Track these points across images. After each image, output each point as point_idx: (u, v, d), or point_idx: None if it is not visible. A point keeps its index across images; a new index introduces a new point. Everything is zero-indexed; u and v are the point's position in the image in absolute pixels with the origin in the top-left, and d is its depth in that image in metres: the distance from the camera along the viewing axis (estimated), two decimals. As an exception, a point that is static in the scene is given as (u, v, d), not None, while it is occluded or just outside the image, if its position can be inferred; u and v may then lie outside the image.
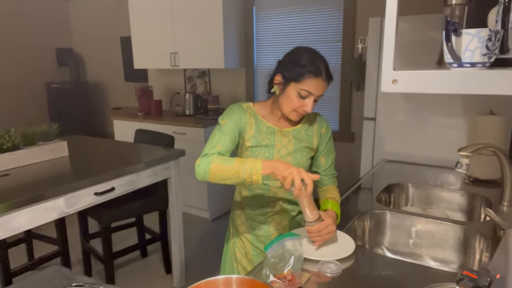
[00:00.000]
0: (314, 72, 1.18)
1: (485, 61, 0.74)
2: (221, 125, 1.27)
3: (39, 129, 2.23)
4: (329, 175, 1.43)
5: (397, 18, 0.71)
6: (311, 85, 1.19)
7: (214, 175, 1.16)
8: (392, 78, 0.76)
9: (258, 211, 1.40)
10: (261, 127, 1.31)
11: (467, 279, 0.60)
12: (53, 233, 2.65)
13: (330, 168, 1.43)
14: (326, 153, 1.40)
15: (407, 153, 2.21)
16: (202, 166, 1.18)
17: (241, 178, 1.11)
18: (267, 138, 1.30)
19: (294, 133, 1.33)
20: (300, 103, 1.22)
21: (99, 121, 6.33)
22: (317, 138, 1.38)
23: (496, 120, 1.74)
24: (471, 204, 1.64)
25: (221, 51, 3.50)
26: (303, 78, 1.19)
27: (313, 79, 1.19)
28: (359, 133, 3.24)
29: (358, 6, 3.12)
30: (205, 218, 3.67)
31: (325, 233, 1.13)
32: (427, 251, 1.40)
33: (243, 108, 1.32)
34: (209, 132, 3.45)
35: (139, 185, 2.19)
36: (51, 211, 1.76)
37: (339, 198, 1.35)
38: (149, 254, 3.04)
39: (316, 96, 1.22)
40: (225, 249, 1.59)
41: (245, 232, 1.45)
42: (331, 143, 1.42)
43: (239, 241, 1.48)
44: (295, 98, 1.22)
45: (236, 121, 1.28)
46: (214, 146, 1.23)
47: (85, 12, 6.02)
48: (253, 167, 1.10)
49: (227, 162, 1.15)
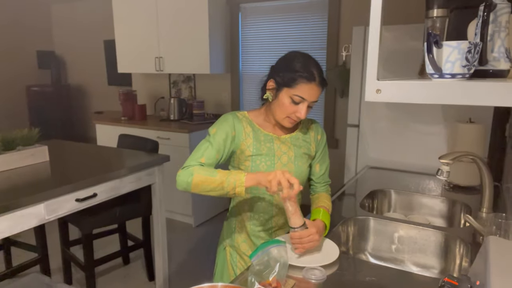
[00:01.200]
0: (307, 77, 1.16)
1: (465, 72, 0.77)
2: (210, 136, 1.23)
3: (19, 134, 2.18)
4: (322, 183, 1.41)
5: (381, 29, 0.73)
6: (304, 91, 1.16)
7: (196, 186, 1.13)
8: (375, 88, 0.77)
9: (262, 226, 1.35)
10: (259, 136, 1.27)
11: (448, 286, 0.61)
12: (32, 240, 2.58)
13: (324, 176, 1.41)
14: (321, 160, 1.39)
15: (390, 159, 2.25)
16: (183, 177, 1.15)
17: (225, 190, 1.10)
18: (266, 146, 1.27)
19: (292, 140, 1.31)
20: (293, 109, 1.19)
21: (80, 125, 6.23)
22: (314, 144, 1.36)
23: (475, 128, 1.79)
24: (451, 210, 1.68)
25: (207, 56, 3.50)
26: (296, 84, 1.16)
27: (306, 84, 1.16)
28: (343, 139, 3.28)
29: (342, 15, 3.17)
30: (189, 224, 3.64)
31: (307, 241, 1.12)
32: (409, 256, 1.43)
33: (238, 117, 1.28)
34: (194, 137, 3.44)
35: (122, 191, 2.16)
36: (31, 218, 1.71)
37: (330, 208, 1.33)
38: (131, 261, 3.00)
39: (310, 102, 1.19)
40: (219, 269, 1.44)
41: (247, 250, 1.37)
42: (326, 150, 1.41)
43: (241, 261, 1.39)
44: (288, 104, 1.19)
45: (228, 131, 1.23)
46: (198, 158, 1.19)
47: (67, 14, 5.93)
48: (237, 179, 1.09)
49: (210, 174, 1.12)
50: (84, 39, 5.77)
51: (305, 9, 3.34)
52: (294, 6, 3.38)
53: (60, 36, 6.22)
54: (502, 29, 0.81)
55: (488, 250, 0.59)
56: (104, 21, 5.15)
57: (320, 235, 1.18)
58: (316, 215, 1.25)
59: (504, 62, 0.81)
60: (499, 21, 0.81)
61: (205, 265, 2.88)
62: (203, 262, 2.97)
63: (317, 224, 1.19)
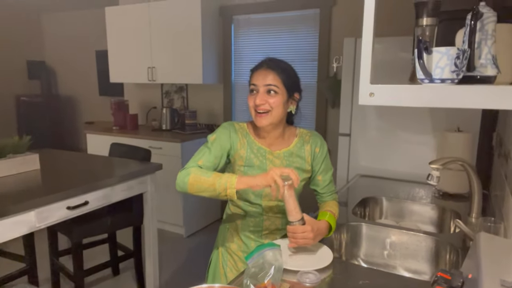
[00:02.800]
0: (255, 67, 1.31)
1: (454, 78, 0.80)
2: (208, 142, 1.29)
3: (10, 141, 2.16)
4: (328, 193, 1.42)
5: (374, 33, 0.76)
6: (254, 78, 1.28)
7: (192, 186, 1.18)
8: (369, 91, 0.80)
9: (252, 229, 1.39)
10: (252, 147, 1.32)
11: (441, 280, 0.63)
12: (21, 250, 2.54)
13: (329, 186, 1.41)
14: (323, 172, 1.39)
15: (381, 168, 2.28)
16: (181, 177, 1.20)
17: (217, 191, 1.14)
18: (259, 159, 1.31)
19: (285, 155, 1.34)
20: (252, 99, 1.27)
21: (70, 135, 6.17)
22: (310, 158, 1.36)
23: (463, 137, 1.83)
24: (441, 217, 1.70)
25: (200, 66, 3.52)
26: (250, 77, 1.30)
27: (255, 72, 1.29)
28: (334, 150, 3.31)
29: (333, 27, 3.24)
30: (180, 235, 3.61)
31: (300, 237, 1.14)
32: (401, 262, 1.44)
33: (235, 127, 1.33)
34: (186, 147, 3.44)
35: (113, 199, 2.14)
36: (22, 226, 1.69)
37: (337, 213, 1.36)
38: (121, 271, 2.95)
39: (263, 85, 1.25)
40: (211, 268, 1.48)
41: (237, 250, 1.41)
42: (327, 160, 1.40)
43: (231, 260, 1.43)
44: (249, 98, 1.28)
45: (224, 139, 1.29)
46: (197, 161, 1.25)
47: (59, 24, 5.93)
48: (228, 181, 1.12)
49: (205, 175, 1.17)
50: (76, 49, 5.77)
51: (297, 21, 3.40)
52: (286, 19, 3.44)
53: (51, 46, 6.20)
54: (489, 37, 0.84)
55: (479, 245, 0.61)
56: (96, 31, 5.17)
57: (317, 234, 1.19)
58: (323, 217, 1.28)
59: (491, 69, 0.84)
60: (485, 29, 0.84)
61: (196, 276, 2.85)
62: (194, 273, 2.94)
63: (316, 223, 1.20)
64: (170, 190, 3.48)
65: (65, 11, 5.80)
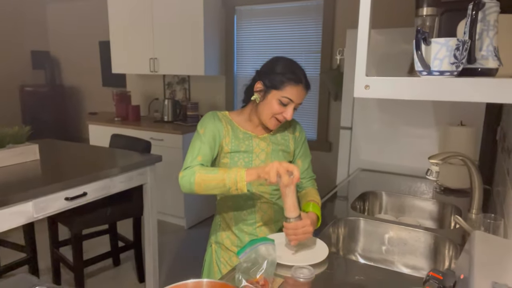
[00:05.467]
0: (294, 79, 1.22)
1: (453, 70, 0.77)
2: (200, 134, 1.27)
3: (10, 131, 2.16)
4: (307, 178, 1.43)
5: (370, 22, 0.73)
6: (292, 93, 1.22)
7: (199, 186, 1.16)
8: (364, 84, 0.77)
9: (244, 222, 1.37)
10: (237, 133, 1.32)
11: (433, 280, 0.61)
12: (21, 240, 2.55)
13: (308, 170, 1.44)
14: (302, 156, 1.42)
15: (382, 162, 2.26)
16: (186, 178, 1.18)
17: (227, 186, 1.12)
18: (245, 143, 1.32)
19: (271, 138, 1.36)
20: (281, 110, 1.25)
21: (74, 126, 6.19)
22: (292, 141, 1.40)
23: (466, 131, 1.80)
24: (441, 212, 1.68)
25: (202, 58, 3.49)
26: (284, 86, 1.22)
27: (293, 86, 1.22)
28: (336, 142, 3.28)
29: (336, 19, 3.19)
30: (181, 226, 3.61)
31: (301, 233, 1.13)
32: (399, 257, 1.42)
33: (218, 116, 1.33)
34: (187, 139, 3.43)
35: (113, 190, 2.14)
36: (19, 216, 1.69)
37: (319, 201, 1.35)
38: (122, 262, 2.97)
39: (296, 103, 1.25)
40: (206, 266, 1.47)
41: (230, 246, 1.40)
42: (306, 145, 1.44)
43: (225, 256, 1.42)
44: (276, 105, 1.24)
45: (212, 128, 1.28)
46: (195, 157, 1.23)
47: (63, 14, 5.91)
48: (238, 175, 1.11)
49: (211, 172, 1.15)
50: (80, 39, 5.75)
51: (300, 12, 3.35)
52: (289, 10, 3.39)
53: (55, 36, 6.19)
54: (491, 28, 0.81)
55: (473, 245, 0.59)
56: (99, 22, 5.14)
57: (314, 227, 1.19)
58: (307, 208, 1.26)
59: (492, 61, 0.81)
60: (487, 20, 0.81)
61: (196, 268, 2.86)
62: (194, 264, 2.94)
63: (310, 216, 1.20)
64: (171, 182, 3.47)
65: (70, 1, 5.78)
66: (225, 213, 1.40)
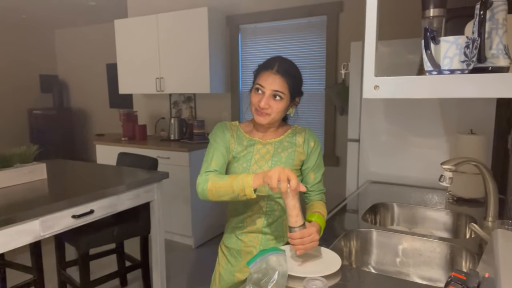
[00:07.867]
0: (265, 66, 1.27)
1: (464, 68, 0.75)
2: (212, 143, 1.33)
3: (17, 151, 2.17)
4: (317, 191, 1.40)
5: (378, 24, 0.72)
6: (262, 79, 1.25)
7: (211, 192, 1.20)
8: (373, 84, 0.76)
9: (237, 226, 1.39)
10: (242, 140, 1.35)
11: (455, 281, 0.58)
12: (28, 262, 2.52)
13: (318, 184, 1.40)
14: (315, 169, 1.38)
15: (391, 174, 2.22)
16: (201, 185, 1.23)
17: (235, 192, 1.14)
18: (247, 150, 1.34)
19: (275, 144, 1.35)
20: (256, 98, 1.27)
21: (81, 148, 6.23)
22: (304, 148, 1.36)
23: (477, 140, 1.76)
24: (456, 222, 1.63)
25: (207, 76, 3.52)
26: (259, 75, 1.28)
27: (263, 72, 1.26)
28: (343, 157, 3.25)
29: (340, 34, 3.21)
30: (189, 245, 3.56)
31: (308, 241, 1.10)
32: (414, 269, 1.38)
33: (227, 126, 1.37)
34: (194, 156, 3.42)
35: (119, 208, 2.12)
36: (26, 234, 1.67)
37: (325, 214, 1.33)
38: (129, 282, 2.91)
39: (270, 90, 1.24)
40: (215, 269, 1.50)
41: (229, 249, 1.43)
42: (320, 158, 1.40)
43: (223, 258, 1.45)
44: (253, 95, 1.28)
45: (221, 137, 1.33)
46: (210, 163, 1.28)
47: (71, 39, 6.04)
48: (245, 181, 1.13)
49: (222, 179, 1.19)
50: (87, 63, 5.86)
51: (303, 29, 3.39)
52: (293, 26, 3.43)
53: (63, 61, 6.31)
54: (500, 26, 0.80)
55: (497, 243, 0.56)
56: (106, 45, 5.24)
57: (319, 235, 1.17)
58: (311, 218, 1.25)
59: (503, 59, 0.80)
60: (496, 19, 0.80)
61: (204, 287, 2.80)
62: (203, 284, 2.88)
63: (314, 225, 1.17)
64: (178, 200, 3.45)
65: (77, 26, 5.92)
66: (228, 219, 1.44)
